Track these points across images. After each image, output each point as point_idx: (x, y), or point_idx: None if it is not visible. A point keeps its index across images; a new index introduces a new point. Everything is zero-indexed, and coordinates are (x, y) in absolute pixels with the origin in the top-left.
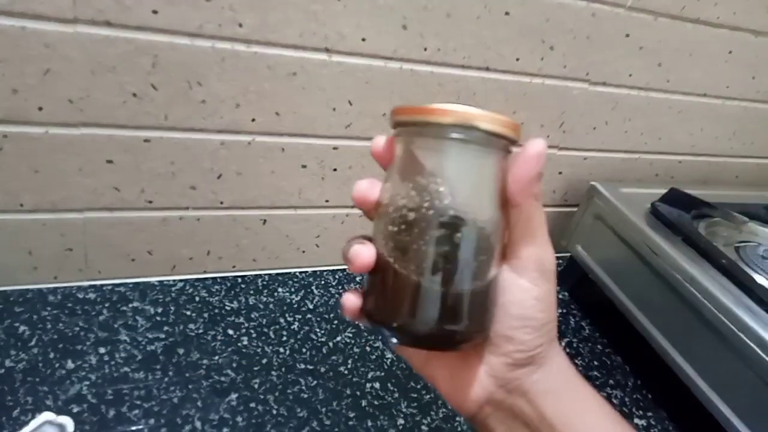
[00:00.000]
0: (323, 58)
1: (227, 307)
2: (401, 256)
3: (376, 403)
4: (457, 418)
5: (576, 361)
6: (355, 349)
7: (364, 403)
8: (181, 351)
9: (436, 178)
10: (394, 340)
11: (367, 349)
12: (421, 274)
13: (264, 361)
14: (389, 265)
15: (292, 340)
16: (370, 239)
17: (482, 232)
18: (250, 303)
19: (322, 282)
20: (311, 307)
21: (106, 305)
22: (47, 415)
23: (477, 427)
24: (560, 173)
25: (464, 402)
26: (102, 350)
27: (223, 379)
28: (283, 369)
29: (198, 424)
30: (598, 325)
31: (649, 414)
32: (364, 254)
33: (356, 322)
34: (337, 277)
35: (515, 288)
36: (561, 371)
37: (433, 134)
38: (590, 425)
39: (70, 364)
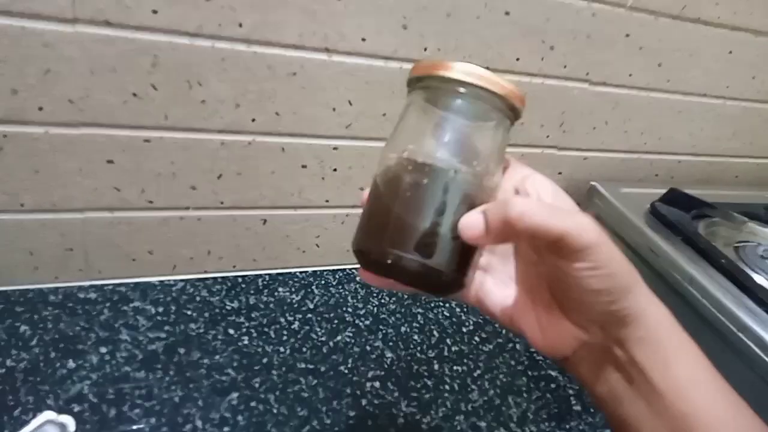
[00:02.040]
0: (323, 58)
1: (228, 307)
2: (397, 198)
3: (376, 402)
4: (457, 417)
5: None
6: (356, 349)
7: (364, 402)
8: (181, 350)
9: (438, 129)
10: (387, 275)
11: (368, 348)
12: (415, 215)
13: (264, 360)
14: (386, 205)
15: (292, 340)
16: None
17: (469, 183)
18: (251, 303)
19: (323, 282)
20: (311, 306)
21: (107, 305)
22: (48, 415)
23: (565, 366)
24: (560, 173)
25: (556, 350)
26: (103, 350)
27: (223, 378)
28: (284, 368)
29: (199, 423)
30: None
31: None
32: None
33: (355, 321)
34: (337, 276)
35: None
36: (655, 320)
37: (441, 89)
38: (681, 374)
39: (71, 364)
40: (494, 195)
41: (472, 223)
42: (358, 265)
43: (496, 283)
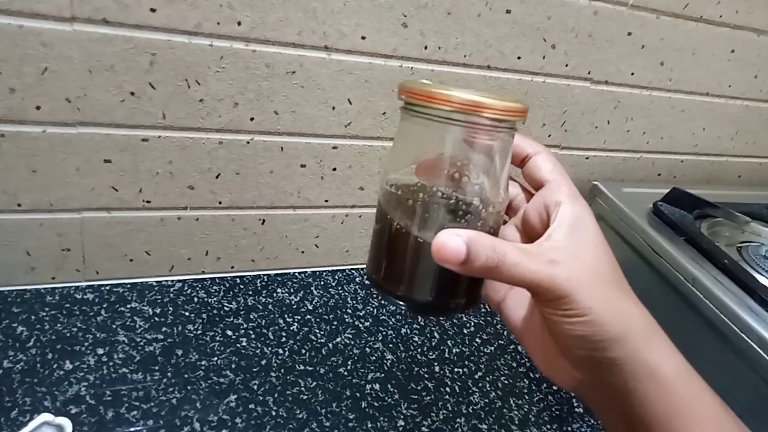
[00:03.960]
0: (322, 56)
1: (226, 308)
2: (402, 228)
3: (376, 404)
4: (458, 420)
5: None
6: (355, 350)
7: (363, 404)
8: (179, 352)
9: (442, 161)
10: (402, 307)
11: (367, 350)
12: (420, 248)
13: (263, 362)
14: (391, 235)
15: (291, 341)
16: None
17: (477, 210)
18: (249, 304)
19: (322, 282)
20: (310, 307)
21: (104, 306)
22: (45, 416)
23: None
24: None
25: (559, 382)
26: (100, 351)
27: (221, 380)
28: (283, 370)
29: (197, 426)
30: None
31: None
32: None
33: (354, 323)
34: (336, 277)
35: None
36: (659, 370)
37: (436, 119)
38: (688, 430)
39: (68, 365)
40: (498, 219)
41: (449, 248)
42: (357, 266)
43: (513, 301)
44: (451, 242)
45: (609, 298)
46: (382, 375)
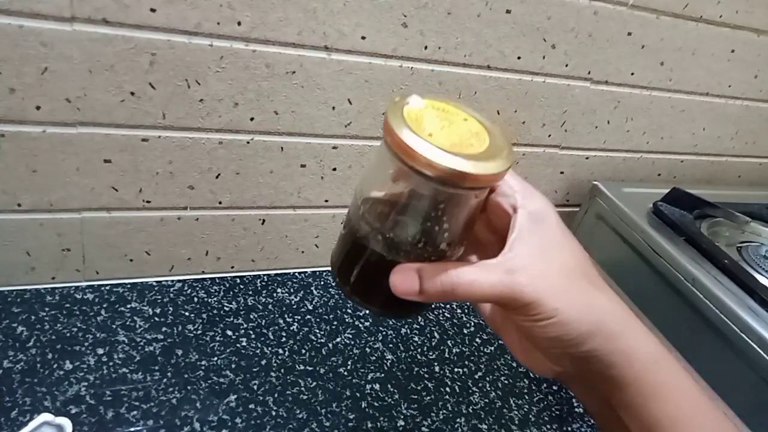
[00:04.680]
0: (322, 56)
1: (226, 308)
2: (356, 244)
3: (376, 404)
4: (458, 420)
5: None
6: (355, 350)
7: (363, 404)
8: (179, 352)
9: (407, 198)
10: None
11: (367, 350)
12: (376, 261)
13: (263, 362)
14: (351, 247)
15: (291, 341)
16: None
17: (434, 243)
18: (249, 304)
19: (322, 282)
20: (310, 307)
21: (104, 306)
22: (45, 416)
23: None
24: (562, 173)
25: (541, 373)
26: (100, 351)
27: (221, 380)
28: (283, 370)
29: (197, 426)
30: None
31: None
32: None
33: (354, 323)
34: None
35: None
36: (633, 357)
37: (413, 174)
38: (664, 414)
39: (68, 365)
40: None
41: (404, 284)
42: None
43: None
44: (405, 280)
45: (575, 295)
46: (382, 375)
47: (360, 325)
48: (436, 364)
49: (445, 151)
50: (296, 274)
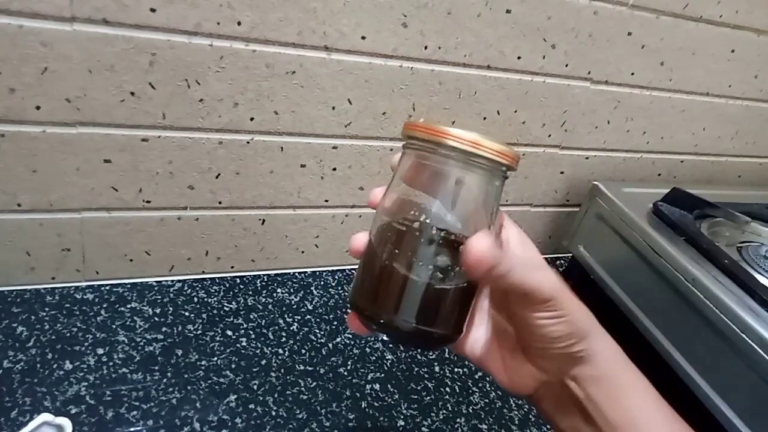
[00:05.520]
0: (322, 56)
1: (226, 308)
2: (392, 257)
3: (376, 404)
4: (458, 420)
5: None
6: (355, 350)
7: (363, 404)
8: (179, 352)
9: (434, 194)
10: (384, 337)
11: (367, 350)
12: (408, 276)
13: (263, 362)
14: (381, 264)
15: (291, 341)
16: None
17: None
18: (249, 304)
19: (322, 282)
20: (310, 308)
21: (104, 306)
22: (45, 416)
23: (530, 401)
24: (562, 173)
25: (519, 389)
26: (100, 351)
27: (221, 380)
28: (282, 370)
29: (197, 426)
30: None
31: None
32: (358, 240)
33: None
34: (336, 277)
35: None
36: (607, 359)
37: (440, 155)
38: (633, 408)
39: (68, 365)
40: None
41: (482, 250)
42: (357, 266)
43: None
44: (484, 245)
45: (575, 299)
46: (382, 375)
47: None
48: (436, 364)
49: (477, 133)
50: (296, 274)
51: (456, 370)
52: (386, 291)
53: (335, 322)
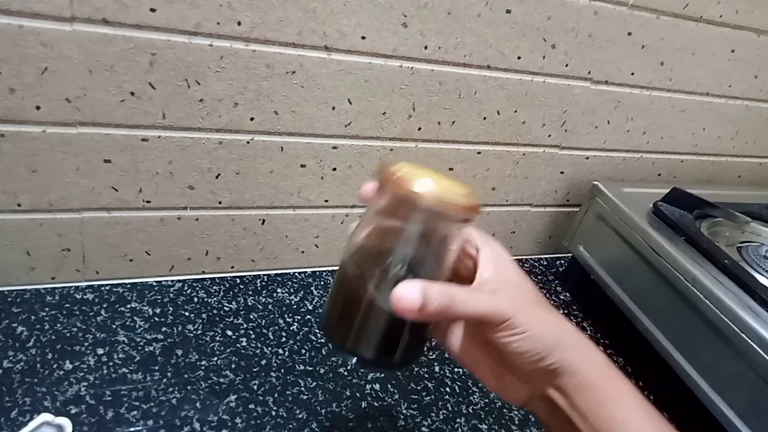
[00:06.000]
0: (322, 56)
1: (226, 308)
2: (358, 290)
3: (376, 404)
4: (458, 420)
5: None
6: None
7: (363, 404)
8: (179, 352)
9: (400, 236)
10: (353, 360)
11: None
12: (371, 309)
13: (263, 362)
14: (347, 296)
15: (291, 341)
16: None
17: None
18: (249, 304)
19: (322, 282)
20: (310, 307)
21: (104, 306)
22: (45, 416)
23: (527, 410)
24: (562, 173)
25: (511, 399)
26: (100, 351)
27: (221, 380)
28: (283, 370)
29: (197, 426)
30: (599, 325)
31: None
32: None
33: None
34: None
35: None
36: (587, 368)
37: (405, 209)
38: (617, 414)
39: (68, 365)
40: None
41: (408, 298)
42: None
43: (456, 338)
44: (408, 292)
45: (539, 314)
46: (382, 375)
47: None
48: (436, 364)
49: (444, 185)
50: (296, 274)
51: (456, 370)
52: (351, 321)
53: None
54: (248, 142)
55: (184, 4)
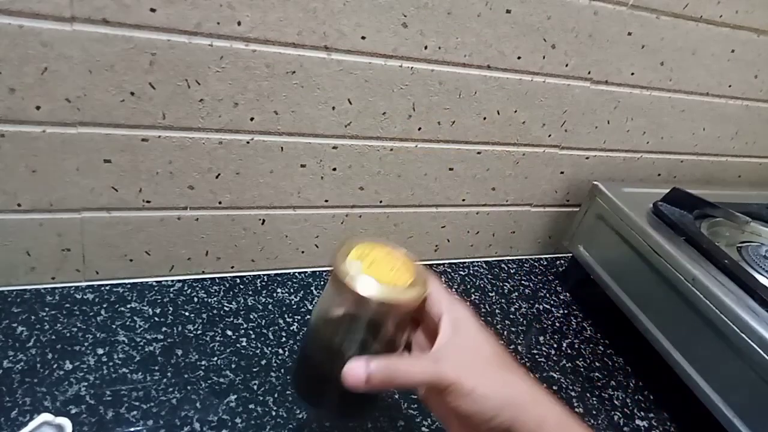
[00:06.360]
0: (322, 56)
1: (226, 308)
2: (320, 358)
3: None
4: None
5: (577, 362)
6: None
7: None
8: (179, 352)
9: (355, 316)
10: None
11: None
12: (330, 375)
13: (263, 362)
14: (311, 362)
15: (291, 341)
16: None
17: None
18: (249, 304)
19: (322, 282)
20: (310, 307)
21: (104, 306)
22: (45, 416)
23: None
24: (562, 173)
25: None
26: (100, 351)
27: (221, 380)
28: (282, 370)
29: (197, 426)
30: (599, 325)
31: (651, 415)
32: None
33: None
34: None
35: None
36: (544, 422)
37: (354, 305)
38: None
39: (68, 365)
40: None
41: (354, 374)
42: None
43: (429, 394)
44: (355, 369)
45: (488, 376)
46: None
47: None
48: None
49: (379, 283)
50: (296, 274)
51: None
52: (313, 383)
53: None
54: (248, 142)
55: (184, 4)
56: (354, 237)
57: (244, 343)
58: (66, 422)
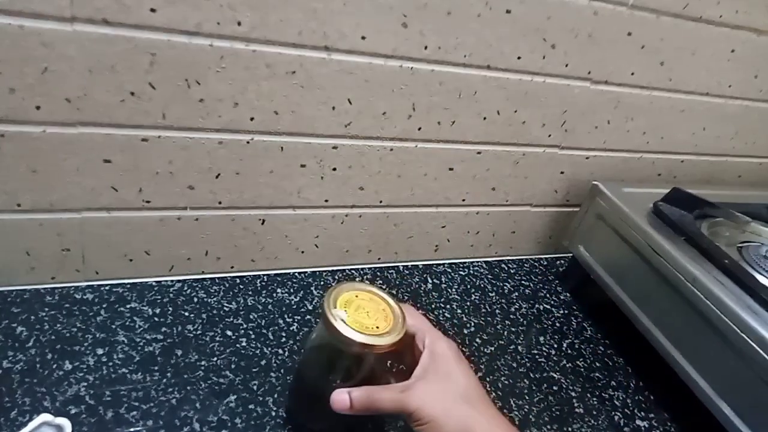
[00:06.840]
0: (323, 56)
1: (226, 308)
2: (312, 384)
3: None
4: None
5: (578, 363)
6: None
7: None
8: (179, 352)
9: (343, 350)
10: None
11: None
12: (321, 398)
13: (263, 362)
14: (304, 387)
15: (291, 342)
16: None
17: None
18: (249, 304)
19: (322, 283)
20: (310, 308)
21: (104, 306)
22: (45, 417)
23: None
24: (562, 173)
25: None
26: (100, 351)
27: (221, 380)
28: (282, 370)
29: (196, 426)
30: (599, 326)
31: (651, 416)
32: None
33: None
34: (336, 277)
35: None
36: None
37: (340, 344)
38: None
39: (67, 365)
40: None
41: (339, 400)
42: (357, 266)
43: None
44: (339, 397)
45: (450, 407)
46: None
47: None
48: None
49: (356, 330)
50: (296, 274)
51: None
52: (306, 406)
53: None
54: (248, 142)
55: (184, 5)
56: (342, 282)
57: (243, 344)
58: (66, 422)
